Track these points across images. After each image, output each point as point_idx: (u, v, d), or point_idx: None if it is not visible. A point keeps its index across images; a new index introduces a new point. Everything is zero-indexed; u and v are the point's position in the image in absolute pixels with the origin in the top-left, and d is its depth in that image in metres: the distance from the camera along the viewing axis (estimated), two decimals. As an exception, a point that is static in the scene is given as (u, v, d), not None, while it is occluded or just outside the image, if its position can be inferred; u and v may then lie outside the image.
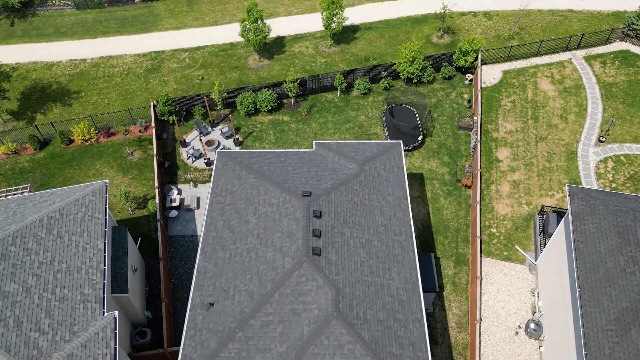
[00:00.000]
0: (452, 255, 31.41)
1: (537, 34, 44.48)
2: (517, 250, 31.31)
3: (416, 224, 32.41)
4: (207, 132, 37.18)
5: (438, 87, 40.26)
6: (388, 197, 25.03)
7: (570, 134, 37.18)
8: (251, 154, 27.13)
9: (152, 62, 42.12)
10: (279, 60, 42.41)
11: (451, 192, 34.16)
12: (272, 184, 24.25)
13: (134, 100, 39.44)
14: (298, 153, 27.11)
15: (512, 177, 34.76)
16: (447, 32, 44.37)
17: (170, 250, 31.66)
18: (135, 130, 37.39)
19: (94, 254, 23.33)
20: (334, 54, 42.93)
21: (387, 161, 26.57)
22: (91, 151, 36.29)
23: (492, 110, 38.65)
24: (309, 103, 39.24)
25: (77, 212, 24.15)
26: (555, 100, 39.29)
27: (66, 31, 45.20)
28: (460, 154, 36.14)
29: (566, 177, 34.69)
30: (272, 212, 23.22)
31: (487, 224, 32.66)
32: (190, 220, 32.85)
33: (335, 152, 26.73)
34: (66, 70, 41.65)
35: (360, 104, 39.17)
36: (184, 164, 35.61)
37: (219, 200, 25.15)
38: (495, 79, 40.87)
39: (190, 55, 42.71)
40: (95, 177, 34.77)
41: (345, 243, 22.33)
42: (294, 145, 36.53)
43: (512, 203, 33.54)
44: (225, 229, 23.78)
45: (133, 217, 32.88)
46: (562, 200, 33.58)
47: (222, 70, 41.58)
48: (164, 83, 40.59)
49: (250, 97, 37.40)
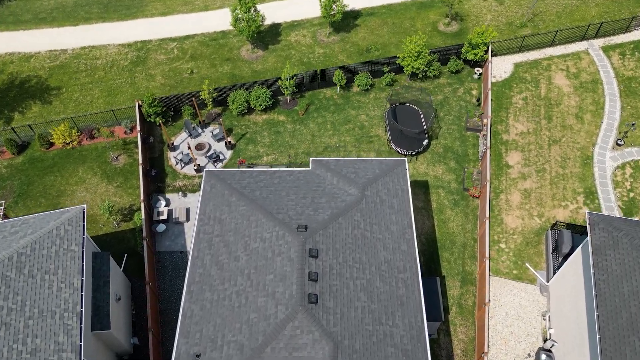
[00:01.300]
0: (458, 273, 29.50)
1: (551, 20, 41.35)
2: (528, 269, 29.39)
3: (420, 238, 30.38)
4: (197, 134, 34.69)
5: (445, 82, 37.50)
6: (391, 227, 22.89)
7: (585, 135, 34.70)
8: (242, 175, 24.82)
9: (138, 54, 39.20)
10: (274, 51, 39.48)
11: (458, 202, 31.98)
12: (264, 214, 22.07)
13: (118, 97, 36.76)
14: (293, 173, 24.81)
15: (523, 185, 32.50)
16: (454, 18, 41.22)
17: (158, 268, 29.73)
18: (120, 131, 34.89)
19: (70, 293, 21.36)
20: (333, 43, 39.93)
21: (390, 184, 24.30)
22: (73, 155, 33.91)
23: (502, 109, 36.04)
24: (306, 100, 36.58)
25: (50, 246, 22.05)
26: (571, 97, 36.61)
27: (45, 17, 42.04)
28: (467, 158, 33.78)
29: (581, 185, 32.44)
30: (264, 249, 21.12)
31: (496, 238, 30.63)
32: (179, 234, 30.79)
33: (333, 172, 24.43)
34: (45, 63, 38.77)
35: (361, 102, 36.52)
36: (173, 171, 33.29)
37: (206, 229, 23.01)
38: (506, 72, 38.06)
39: (178, 46, 39.73)
40: (78, 185, 32.51)
41: (345, 286, 20.33)
42: (290, 148, 34.11)
43: (523, 215, 31.40)
44: (213, 265, 21.74)
45: (118, 231, 30.82)
46: (576, 211, 31.44)
47: (212, 62, 38.70)
48: (150, 77, 37.80)
49: (243, 95, 34.75)
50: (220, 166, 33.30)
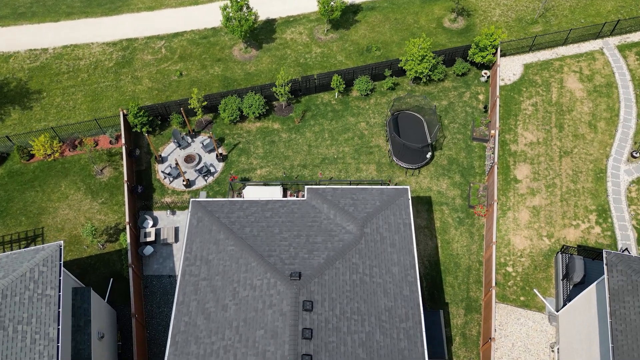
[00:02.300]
0: (462, 300, 27.96)
1: (564, 15, 38.79)
2: (536, 295, 27.83)
3: (423, 261, 28.74)
4: (187, 145, 32.65)
5: (450, 86, 35.23)
6: (393, 269, 21.18)
7: (599, 146, 32.67)
8: (231, 207, 22.95)
9: (123, 53, 36.78)
10: (268, 51, 37.05)
11: (462, 220, 30.21)
12: (254, 257, 20.33)
13: (103, 102, 34.56)
14: (287, 205, 22.94)
15: (532, 202, 30.68)
16: (461, 13, 38.64)
17: (146, 294, 28.17)
18: (104, 141, 32.85)
19: (45, 345, 19.78)
20: (331, 42, 37.47)
21: (391, 217, 22.48)
22: (55, 168, 31.97)
23: (510, 116, 33.91)
24: (302, 106, 34.39)
25: (24, 292, 20.36)
26: (584, 103, 34.43)
27: (24, 12, 39.43)
28: (473, 171, 31.85)
29: (593, 202, 30.61)
30: (254, 299, 19.45)
31: (503, 261, 28.98)
32: (167, 256, 29.13)
33: (330, 204, 22.57)
34: (25, 63, 36.41)
35: (360, 108, 34.35)
36: (160, 185, 31.39)
37: (192, 270, 21.30)
38: (516, 75, 35.75)
39: (166, 45, 37.28)
40: (60, 202, 30.67)
41: (342, 342, 18.74)
42: (286, 160, 32.13)
43: (531, 235, 29.68)
44: (200, 313, 20.10)
45: (104, 253, 29.15)
46: (587, 232, 29.70)
47: (203, 63, 36.34)
48: (137, 80, 35.50)
49: (235, 102, 32.56)
50: (211, 180, 31.40)
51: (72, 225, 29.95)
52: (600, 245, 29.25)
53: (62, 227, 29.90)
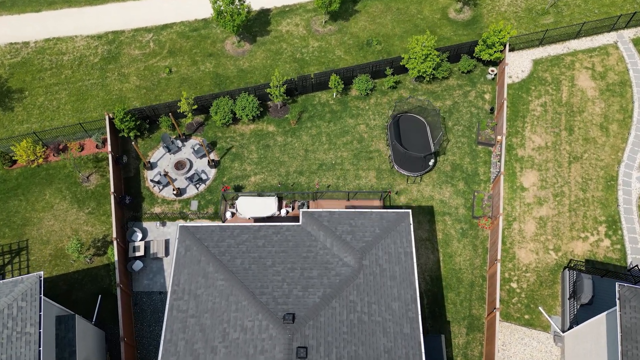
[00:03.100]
0: (464, 318, 26.93)
1: (577, 5, 36.54)
2: (541, 314, 26.79)
3: (424, 277, 27.60)
4: (177, 149, 31.04)
5: (454, 84, 33.35)
6: (393, 305, 19.98)
7: (610, 151, 31.08)
8: (221, 233, 21.58)
9: (109, 48, 34.73)
10: (262, 45, 34.98)
11: (466, 231, 28.91)
12: (245, 295, 19.10)
13: (88, 102, 32.77)
14: (281, 231, 21.56)
15: (539, 213, 29.31)
16: (467, 3, 36.34)
17: (136, 311, 27.10)
18: (90, 145, 31.25)
19: (26, 389, 18.78)
20: (329, 34, 35.35)
21: (392, 245, 21.15)
22: (39, 175, 30.47)
23: (518, 118, 32.19)
24: (298, 107, 32.62)
25: (1, 331, 19.27)
26: (595, 104, 32.64)
27: (4, 1, 37.10)
28: (478, 178, 30.36)
29: (603, 212, 29.24)
30: (245, 342, 18.30)
31: (507, 276, 27.82)
32: (157, 271, 27.95)
33: (326, 231, 21.20)
34: (6, 59, 34.42)
35: (360, 108, 32.57)
36: (150, 194, 29.95)
37: (180, 305, 20.12)
38: (524, 71, 33.82)
39: (155, 38, 35.18)
40: (45, 212, 29.31)
41: (338, 391, 17.69)
42: (281, 166, 30.60)
43: (538, 248, 28.43)
44: (188, 355, 18.99)
45: (92, 267, 27.97)
46: (596, 245, 28.45)
47: (193, 59, 34.34)
48: (124, 78, 33.60)
49: (228, 104, 30.80)
50: (203, 188, 29.94)
51: (57, 238, 28.67)
52: (609, 259, 28.05)
53: (48, 239, 28.63)
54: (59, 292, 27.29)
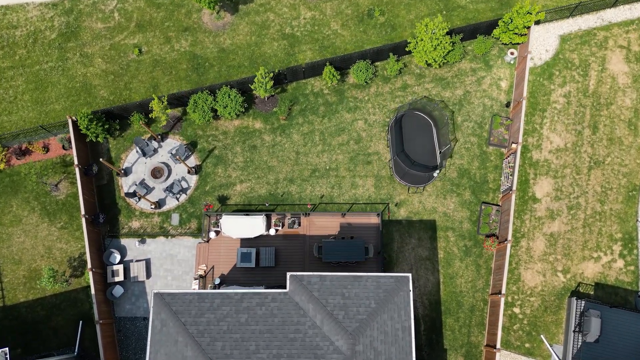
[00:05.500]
0: (462, 345, 25.91)
1: (618, -41, 30.73)
2: (542, 342, 25.70)
3: (422, 300, 26.14)
4: (152, 152, 27.85)
5: (467, 68, 29.09)
6: (387, 393, 18.58)
7: (636, 154, 27.92)
8: (200, 304, 19.54)
9: (67, 19, 29.81)
10: (246, 15, 30.01)
11: (469, 249, 26.85)
12: (227, 392, 17.61)
13: (49, 91, 28.85)
14: (265, 303, 19.51)
15: (550, 229, 26.99)
16: (488, -42, 30.54)
17: (120, 338, 26.00)
18: (56, 145, 28.02)
19: None
20: (324, 1, 30.18)
21: (389, 322, 19.25)
22: (3, 182, 27.68)
23: (536, 112, 28.51)
24: (288, 97, 28.74)
25: None
26: (626, 94, 28.72)
27: (-63, -46, 31.17)
28: (487, 186, 27.60)
29: (620, 228, 26.94)
30: None
31: (510, 300, 26.31)
32: (140, 294, 26.38)
33: (316, 305, 19.19)
34: (-52, 33, 29.74)
35: (358, 99, 28.73)
36: (126, 205, 27.38)
37: (159, 392, 18.74)
38: (549, 51, 29.34)
39: (119, 6, 30.06)
40: (14, 226, 27.01)
41: None
42: (270, 172, 27.66)
43: (545, 269, 26.58)
44: None
45: (70, 290, 26.37)
46: (608, 266, 26.55)
47: (166, 35, 29.64)
48: (87, 60, 29.25)
49: (207, 101, 27.03)
50: (184, 199, 27.32)
51: (30, 257, 26.71)
52: (621, 282, 26.34)
53: (20, 258, 26.68)
54: (37, 319, 25.99)
